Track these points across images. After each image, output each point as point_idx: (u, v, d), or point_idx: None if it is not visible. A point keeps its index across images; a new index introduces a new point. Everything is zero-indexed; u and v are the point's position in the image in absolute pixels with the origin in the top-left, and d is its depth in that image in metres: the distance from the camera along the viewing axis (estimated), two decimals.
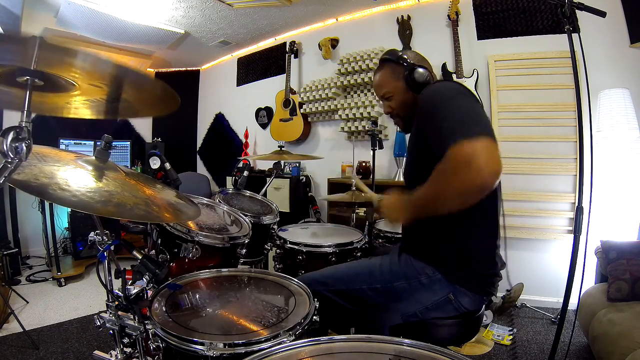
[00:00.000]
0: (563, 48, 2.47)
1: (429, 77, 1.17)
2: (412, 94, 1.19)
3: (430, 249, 1.13)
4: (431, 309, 1.11)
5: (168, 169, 1.37)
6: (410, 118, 1.22)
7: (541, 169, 2.64)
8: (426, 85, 1.15)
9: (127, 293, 0.99)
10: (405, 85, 1.20)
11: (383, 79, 1.26)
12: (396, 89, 1.22)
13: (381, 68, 1.27)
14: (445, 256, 1.10)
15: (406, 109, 1.23)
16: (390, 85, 1.23)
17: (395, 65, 1.22)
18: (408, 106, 1.22)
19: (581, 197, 1.37)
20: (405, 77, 1.18)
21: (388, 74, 1.24)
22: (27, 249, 3.78)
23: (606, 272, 1.95)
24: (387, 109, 1.28)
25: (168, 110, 0.83)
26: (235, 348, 0.78)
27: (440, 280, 1.09)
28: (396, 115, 1.27)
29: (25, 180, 0.67)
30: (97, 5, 3.06)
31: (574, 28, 1.31)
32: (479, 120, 0.88)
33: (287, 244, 1.63)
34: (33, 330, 2.21)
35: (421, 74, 1.16)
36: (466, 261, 1.09)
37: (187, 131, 5.16)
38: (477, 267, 1.10)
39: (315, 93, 3.55)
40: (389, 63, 1.24)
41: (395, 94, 1.23)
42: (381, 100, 1.29)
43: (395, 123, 1.33)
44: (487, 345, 2.12)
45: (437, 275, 1.09)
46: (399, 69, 1.20)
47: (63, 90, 0.74)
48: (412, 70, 1.17)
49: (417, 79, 1.16)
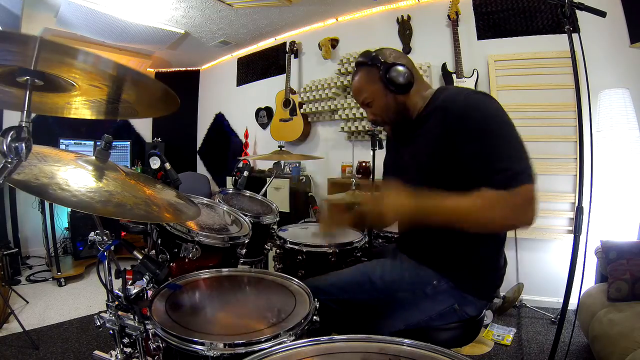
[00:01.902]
0: (563, 48, 2.47)
1: (408, 74, 1.07)
2: (393, 96, 1.10)
3: (435, 254, 1.10)
4: (435, 319, 1.08)
5: (168, 169, 1.37)
6: (399, 124, 1.16)
7: (541, 169, 2.64)
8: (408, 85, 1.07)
9: (127, 293, 0.99)
10: (383, 88, 1.09)
11: (359, 84, 1.15)
12: (374, 93, 1.12)
13: (357, 73, 1.16)
14: (452, 262, 1.07)
15: (390, 113, 1.14)
16: (367, 90, 1.13)
17: (370, 68, 1.11)
18: (391, 110, 1.12)
19: (581, 197, 1.37)
20: (382, 78, 1.08)
21: (364, 78, 1.13)
22: (27, 249, 3.78)
23: (606, 272, 1.95)
24: (371, 117, 1.17)
25: (168, 111, 0.83)
26: (236, 348, 0.78)
27: (446, 290, 1.06)
28: (381, 122, 1.18)
29: (25, 180, 0.67)
30: (97, 5, 3.06)
31: (574, 28, 1.31)
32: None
33: (287, 244, 1.63)
34: (33, 330, 2.21)
35: (399, 72, 1.06)
36: (477, 268, 1.07)
37: (187, 131, 5.16)
38: (487, 273, 1.09)
39: (315, 93, 3.55)
40: (364, 66, 1.13)
41: (374, 98, 1.13)
42: (362, 107, 1.19)
43: (384, 130, 1.23)
44: (487, 345, 2.12)
45: (443, 285, 1.06)
46: (374, 71, 1.09)
47: (63, 91, 0.74)
48: (388, 70, 1.06)
49: (395, 79, 1.06)
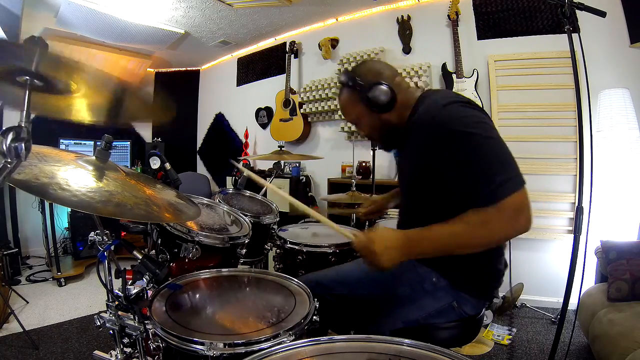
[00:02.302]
0: (563, 48, 2.47)
1: (388, 92, 1.04)
2: (378, 115, 1.09)
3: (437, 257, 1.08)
4: (433, 316, 1.09)
5: (168, 169, 1.37)
6: (388, 137, 1.16)
7: (541, 169, 2.64)
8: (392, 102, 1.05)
9: (127, 293, 0.99)
10: (366, 108, 1.08)
11: (344, 105, 1.16)
12: (359, 114, 1.12)
13: (341, 93, 1.16)
14: (451, 262, 1.06)
15: (377, 131, 1.14)
16: (353, 113, 1.13)
17: (350, 89, 1.10)
18: (377, 128, 1.13)
19: (581, 197, 1.37)
20: (362, 100, 1.07)
21: (347, 99, 1.13)
22: (27, 249, 3.78)
23: (606, 272, 1.95)
24: (362, 133, 1.21)
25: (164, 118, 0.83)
26: (235, 348, 0.78)
27: (445, 288, 1.07)
28: (371, 138, 1.22)
29: (25, 180, 0.67)
30: (97, 5, 3.06)
31: (574, 28, 1.31)
32: (514, 162, 0.89)
33: (287, 244, 1.63)
34: (33, 330, 2.21)
35: (380, 91, 1.04)
36: (473, 267, 1.07)
37: (187, 131, 5.16)
38: (484, 272, 1.09)
39: (315, 93, 3.55)
40: (345, 87, 1.12)
41: (360, 118, 1.13)
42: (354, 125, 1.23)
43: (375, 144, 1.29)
44: (487, 345, 2.12)
45: (441, 282, 1.07)
46: (355, 93, 1.09)
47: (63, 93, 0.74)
48: (368, 91, 1.05)
49: (376, 100, 1.05)
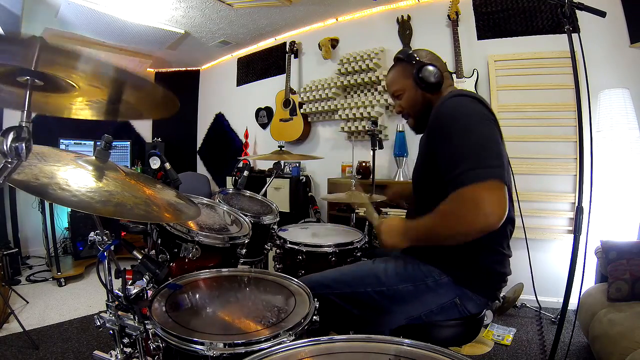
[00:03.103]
0: (563, 48, 2.47)
1: (438, 75, 1.16)
2: (421, 92, 1.20)
3: (437, 252, 1.11)
4: (436, 312, 1.10)
5: (168, 169, 1.37)
6: (422, 118, 1.22)
7: (541, 169, 2.64)
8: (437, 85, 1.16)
9: (127, 293, 0.99)
10: (414, 84, 1.19)
11: (394, 77, 1.27)
12: (405, 87, 1.23)
13: (393, 67, 1.28)
14: (453, 259, 1.09)
15: (416, 108, 1.24)
16: (400, 84, 1.24)
17: (405, 64, 1.22)
18: (418, 104, 1.23)
19: (581, 197, 1.37)
20: (414, 75, 1.18)
21: (399, 73, 1.25)
22: (27, 249, 3.78)
23: (606, 272, 1.95)
24: (398, 108, 1.29)
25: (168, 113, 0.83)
26: (235, 348, 0.78)
27: (447, 284, 1.08)
28: (407, 115, 1.28)
29: (25, 180, 0.67)
30: (97, 5, 3.06)
31: (574, 28, 1.31)
32: (493, 156, 0.88)
33: (287, 244, 1.63)
34: (33, 330, 2.21)
35: (430, 71, 1.16)
36: (475, 263, 1.08)
37: (187, 131, 5.16)
38: (485, 272, 1.09)
39: (315, 93, 3.55)
40: (400, 62, 1.25)
41: (404, 92, 1.24)
42: (393, 98, 1.30)
43: (407, 122, 1.33)
44: (487, 345, 2.12)
45: (444, 278, 1.08)
46: (409, 68, 1.20)
47: (64, 91, 0.74)
48: (421, 68, 1.17)
49: (425, 78, 1.16)
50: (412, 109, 1.25)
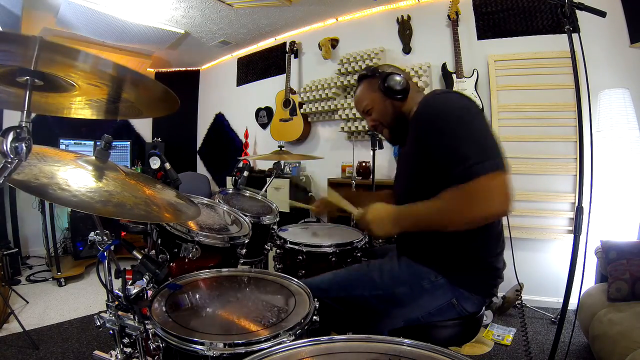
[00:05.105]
0: (563, 48, 2.48)
1: (404, 82, 1.18)
2: (390, 102, 1.21)
3: (431, 253, 1.11)
4: (434, 314, 1.10)
5: (168, 169, 1.37)
6: (396, 127, 1.24)
7: (541, 169, 2.64)
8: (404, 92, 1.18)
9: (127, 293, 0.99)
10: (382, 95, 1.21)
11: (361, 94, 1.29)
12: (374, 99, 1.24)
13: (359, 85, 1.30)
14: (448, 259, 1.09)
15: (388, 118, 1.24)
16: (368, 98, 1.26)
17: (370, 79, 1.25)
18: (389, 114, 1.23)
19: (581, 197, 1.37)
20: (380, 86, 1.20)
21: (365, 88, 1.27)
22: (27, 249, 3.78)
23: (606, 272, 1.95)
24: (371, 123, 1.29)
25: (168, 111, 0.83)
26: (235, 348, 0.78)
27: (443, 285, 1.08)
28: (380, 126, 1.28)
29: (25, 180, 0.67)
30: (97, 5, 3.06)
31: (574, 28, 1.31)
32: (494, 148, 0.92)
33: (287, 244, 1.63)
34: (33, 330, 2.21)
35: (396, 80, 1.18)
36: (470, 263, 1.08)
37: (187, 131, 5.16)
38: (481, 270, 1.09)
39: (315, 93, 3.55)
40: (365, 78, 1.28)
41: (374, 105, 1.25)
42: (363, 116, 1.31)
43: (382, 135, 1.32)
44: (487, 345, 2.12)
45: (439, 279, 1.08)
46: (374, 81, 1.23)
47: (63, 91, 0.74)
48: (386, 78, 1.19)
49: (392, 86, 1.18)
50: (384, 119, 1.26)
